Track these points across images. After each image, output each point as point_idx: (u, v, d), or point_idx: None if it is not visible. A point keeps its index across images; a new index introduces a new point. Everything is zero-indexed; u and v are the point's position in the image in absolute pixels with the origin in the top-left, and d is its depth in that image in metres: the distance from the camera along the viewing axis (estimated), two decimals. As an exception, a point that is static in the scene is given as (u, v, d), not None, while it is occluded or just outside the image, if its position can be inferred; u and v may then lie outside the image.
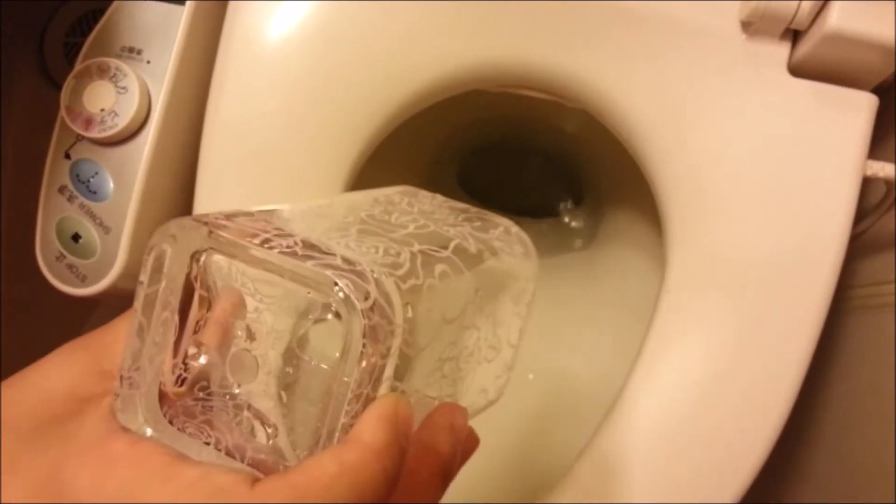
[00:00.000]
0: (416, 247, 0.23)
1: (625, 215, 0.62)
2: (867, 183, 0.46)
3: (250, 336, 0.21)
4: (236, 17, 0.43)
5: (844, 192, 0.42)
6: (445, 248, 0.24)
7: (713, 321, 0.42)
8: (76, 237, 0.42)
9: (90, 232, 0.42)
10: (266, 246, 0.19)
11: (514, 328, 0.29)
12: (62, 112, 0.42)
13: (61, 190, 0.42)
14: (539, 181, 0.72)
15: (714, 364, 0.42)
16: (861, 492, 0.50)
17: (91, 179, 0.42)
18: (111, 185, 0.42)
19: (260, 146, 0.43)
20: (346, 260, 0.19)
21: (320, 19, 0.43)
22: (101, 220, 0.42)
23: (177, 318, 0.21)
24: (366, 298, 0.19)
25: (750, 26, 0.42)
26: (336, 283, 0.19)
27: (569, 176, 0.71)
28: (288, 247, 0.19)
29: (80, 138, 0.42)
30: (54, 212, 0.42)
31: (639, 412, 0.42)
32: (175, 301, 0.21)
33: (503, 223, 0.29)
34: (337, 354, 0.19)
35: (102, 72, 0.42)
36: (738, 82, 0.43)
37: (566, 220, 0.69)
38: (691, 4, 0.43)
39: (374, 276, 0.19)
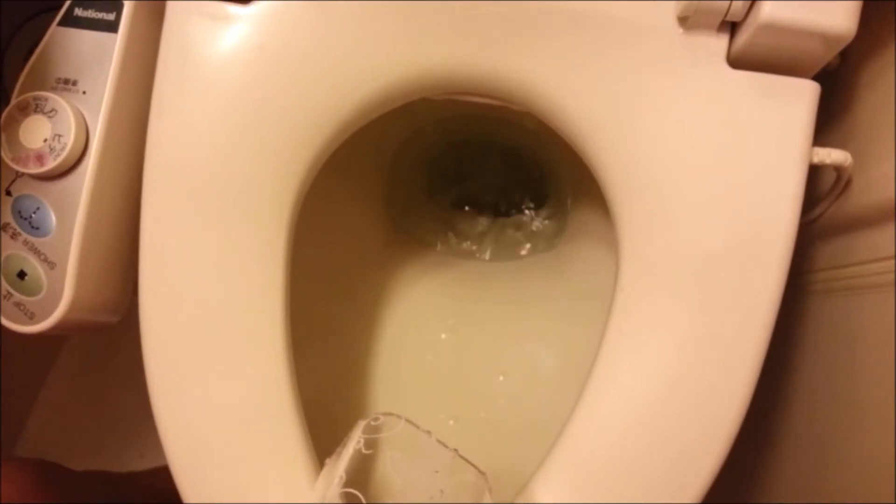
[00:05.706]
0: None
1: (590, 210, 0.62)
2: (818, 169, 0.46)
3: None
4: (172, 40, 0.42)
5: (791, 180, 0.42)
6: None
7: (667, 317, 0.42)
8: (21, 274, 0.42)
9: (35, 268, 0.42)
10: None
11: None
12: (-1, 149, 0.41)
13: (4, 227, 0.42)
14: (504, 179, 0.72)
15: (670, 361, 0.42)
16: (832, 473, 0.50)
17: (33, 215, 0.42)
18: (53, 219, 0.42)
19: (205, 167, 0.42)
20: None
21: (259, 37, 0.43)
22: (46, 255, 0.41)
23: None
24: None
25: (686, 21, 0.42)
26: None
27: (534, 172, 0.70)
28: None
29: (19, 174, 0.42)
30: (-1, 250, 0.42)
31: (597, 415, 0.42)
32: None
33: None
34: None
35: (38, 106, 0.42)
36: (679, 77, 0.42)
37: (533, 216, 0.69)
38: (628, 3, 0.42)
39: None
